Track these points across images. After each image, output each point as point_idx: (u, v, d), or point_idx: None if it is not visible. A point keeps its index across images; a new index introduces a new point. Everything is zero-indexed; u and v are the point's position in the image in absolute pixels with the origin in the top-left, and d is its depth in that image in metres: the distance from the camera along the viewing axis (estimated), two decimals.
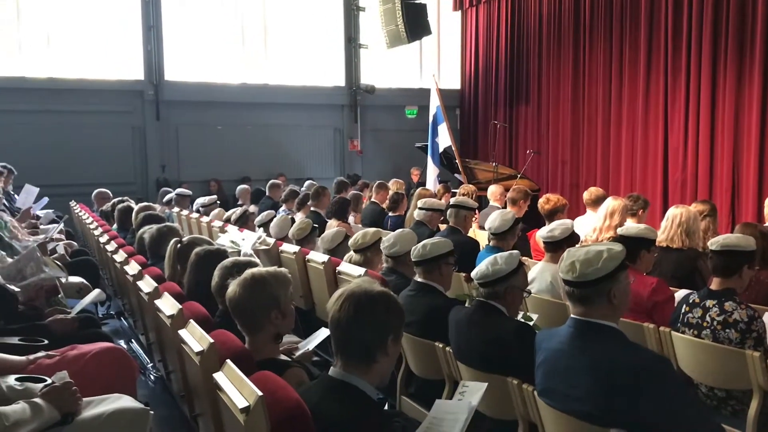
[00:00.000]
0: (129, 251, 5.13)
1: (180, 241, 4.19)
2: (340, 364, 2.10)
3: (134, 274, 4.12)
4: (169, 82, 13.70)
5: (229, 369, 2.18)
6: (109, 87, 13.29)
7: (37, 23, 12.90)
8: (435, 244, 3.78)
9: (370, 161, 15.55)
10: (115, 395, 2.36)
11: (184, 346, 2.72)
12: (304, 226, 5.88)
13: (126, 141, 13.56)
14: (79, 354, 2.74)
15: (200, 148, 13.95)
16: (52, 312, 3.47)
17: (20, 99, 12.46)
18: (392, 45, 13.45)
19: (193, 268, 3.62)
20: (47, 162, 12.10)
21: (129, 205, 7.23)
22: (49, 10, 12.91)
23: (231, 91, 14.15)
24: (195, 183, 13.10)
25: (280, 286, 2.69)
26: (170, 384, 3.81)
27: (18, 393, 2.22)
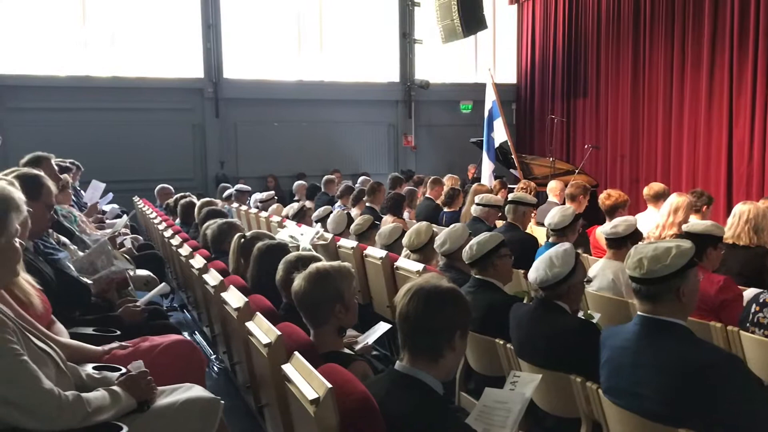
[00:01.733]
0: (193, 245, 5.26)
1: (243, 236, 4.28)
2: (407, 359, 2.12)
3: (200, 267, 4.23)
4: (228, 80, 13.97)
5: (298, 361, 2.22)
6: (170, 85, 13.63)
7: (102, 23, 13.32)
8: (481, 243, 3.77)
9: (424, 157, 15.54)
10: (187, 385, 2.44)
11: (251, 338, 2.78)
12: (363, 222, 5.93)
13: (186, 138, 13.89)
14: (151, 345, 2.83)
15: (257, 144, 14.19)
16: (123, 303, 3.59)
17: (86, 97, 12.89)
18: (447, 40, 13.39)
19: (256, 262, 3.69)
20: (111, 158, 12.48)
21: (191, 201, 7.41)
22: (113, 10, 13.30)
23: (287, 88, 14.34)
24: (252, 179, 13.34)
25: (344, 280, 2.73)
26: (234, 375, 3.90)
27: (97, 381, 2.31)
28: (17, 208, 2.09)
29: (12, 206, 2.07)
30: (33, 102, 12.57)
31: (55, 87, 12.76)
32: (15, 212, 2.08)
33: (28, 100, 12.55)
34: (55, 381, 2.06)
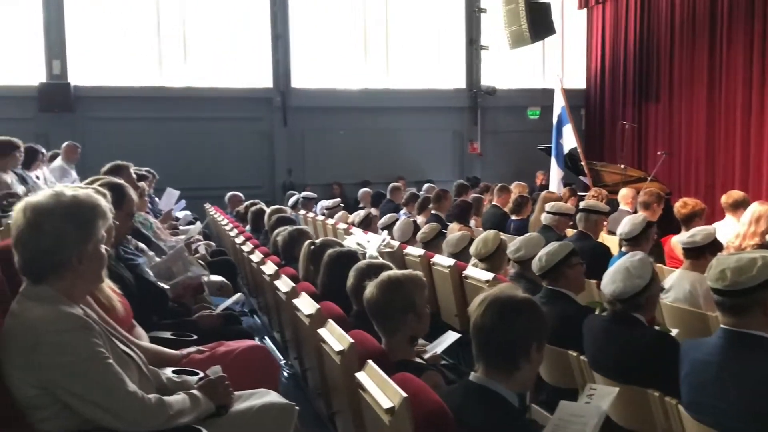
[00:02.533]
0: (264, 252, 5.36)
1: (313, 243, 4.34)
2: (482, 370, 2.10)
3: (271, 273, 4.30)
4: (296, 89, 14.22)
5: (371, 369, 2.23)
6: (240, 95, 13.97)
7: (176, 36, 13.76)
8: (550, 254, 3.70)
9: (490, 164, 15.41)
10: (263, 390, 2.48)
11: (324, 344, 2.81)
12: (430, 230, 5.92)
13: (255, 146, 14.21)
14: (227, 351, 2.89)
15: (323, 152, 14.38)
16: (199, 309, 3.68)
17: (160, 107, 13.34)
18: (515, 46, 13.27)
19: (327, 269, 3.73)
20: (183, 166, 12.85)
21: (261, 208, 7.55)
22: (187, 23, 13.73)
23: (353, 97, 14.49)
24: (318, 186, 13.49)
25: (416, 289, 2.73)
26: (304, 381, 3.94)
27: (177, 385, 2.37)
28: (104, 216, 2.17)
29: (99, 214, 2.15)
30: (110, 112, 13.09)
31: (132, 98, 13.26)
32: (102, 220, 2.16)
33: (106, 110, 13.07)
34: (138, 384, 2.13)
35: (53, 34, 12.90)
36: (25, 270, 2.12)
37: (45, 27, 12.90)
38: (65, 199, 2.11)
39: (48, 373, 2.00)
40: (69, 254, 2.09)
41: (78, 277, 2.14)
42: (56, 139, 10.81)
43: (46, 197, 2.10)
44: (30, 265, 2.11)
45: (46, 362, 1.99)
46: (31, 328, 2.02)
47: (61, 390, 2.01)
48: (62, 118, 12.66)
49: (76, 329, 2.03)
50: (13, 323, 2.08)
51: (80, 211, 2.11)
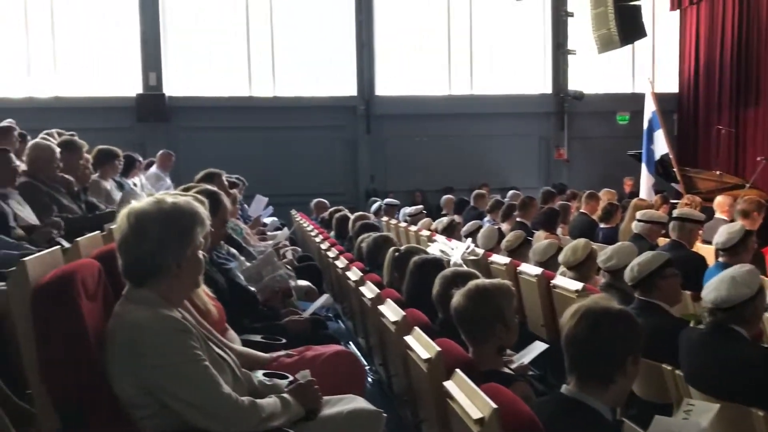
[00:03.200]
0: (348, 258, 5.42)
1: (398, 250, 4.35)
2: (575, 383, 2.05)
3: (356, 279, 4.34)
4: (380, 97, 14.35)
5: (460, 378, 2.21)
6: (324, 103, 14.23)
7: (264, 48, 14.16)
8: (644, 263, 3.58)
9: (577, 170, 15.07)
10: (350, 396, 2.50)
11: (410, 352, 2.80)
12: (515, 238, 5.83)
13: (339, 154, 14.43)
14: (315, 355, 2.93)
15: (406, 159, 14.44)
16: (287, 313, 3.76)
17: (249, 117, 13.76)
18: (603, 49, 12.94)
19: (412, 276, 3.73)
20: (270, 174, 13.15)
21: (345, 215, 7.65)
22: (275, 35, 14.11)
23: (436, 103, 14.49)
24: (401, 193, 13.55)
25: (505, 298, 2.70)
26: (389, 388, 3.95)
27: (268, 388, 2.42)
28: (202, 223, 2.25)
29: (198, 221, 2.23)
30: (202, 121, 13.59)
31: (222, 107, 13.74)
32: (200, 226, 2.24)
33: (198, 120, 13.58)
34: (232, 386, 2.18)
35: (150, 48, 13.52)
36: (128, 273, 2.22)
37: (142, 41, 13.54)
38: (166, 206, 2.20)
39: (147, 373, 2.09)
40: (169, 259, 2.18)
41: (177, 282, 2.22)
42: (152, 148, 11.31)
43: (149, 204, 2.20)
44: (132, 269, 2.21)
45: (146, 363, 2.08)
46: (132, 330, 2.11)
47: (160, 390, 2.09)
48: (157, 128, 13.23)
49: (175, 332, 2.11)
50: (115, 324, 2.18)
51: (180, 217, 2.20)
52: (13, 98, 12.83)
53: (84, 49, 13.65)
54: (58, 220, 4.17)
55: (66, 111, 12.41)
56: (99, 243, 3.06)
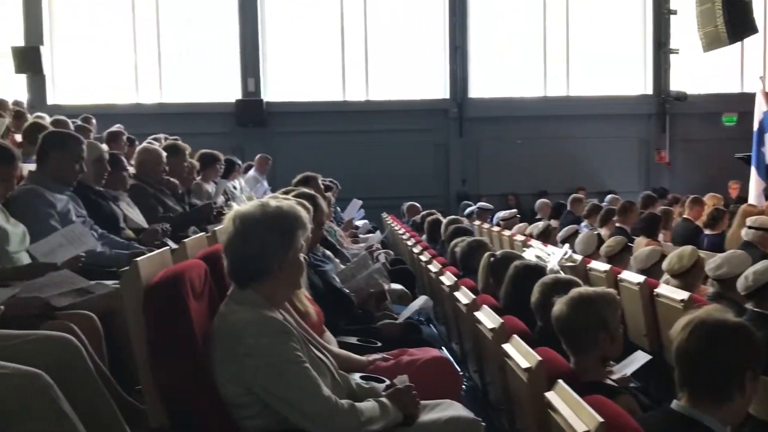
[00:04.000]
0: (441, 262, 5.38)
1: (493, 255, 4.28)
2: (687, 398, 1.94)
3: (450, 284, 4.30)
4: (472, 99, 14.25)
5: (562, 389, 2.14)
6: (416, 107, 14.27)
7: (357, 54, 14.32)
8: (759, 272, 3.39)
9: (679, 174, 14.46)
10: (448, 401, 2.47)
11: (508, 360, 2.74)
12: (615, 244, 5.64)
13: (430, 157, 14.41)
14: (412, 360, 2.92)
15: (499, 162, 14.26)
16: (382, 316, 3.77)
17: (342, 121, 13.97)
18: (709, 48, 12.34)
19: (511, 282, 3.66)
20: (361, 177, 13.28)
21: (438, 218, 7.61)
22: (369, 40, 14.25)
23: (531, 105, 14.26)
24: (493, 197, 13.40)
25: (609, 307, 2.60)
26: (483, 395, 3.89)
27: (366, 391, 2.42)
28: (304, 227, 2.28)
29: (300, 224, 2.27)
30: (297, 126, 13.90)
31: (317, 112, 14.02)
32: (302, 230, 2.27)
33: (294, 125, 13.90)
34: (331, 389, 2.20)
35: (248, 55, 13.95)
36: (232, 274, 2.28)
37: (241, 49, 13.99)
38: (270, 210, 2.24)
39: (250, 373, 2.13)
40: (272, 261, 2.22)
41: (279, 284, 2.26)
42: (250, 152, 11.66)
43: (254, 207, 2.25)
44: (236, 270, 2.26)
45: (249, 363, 2.12)
46: (236, 330, 2.16)
47: (262, 390, 2.13)
48: (255, 132, 13.62)
49: (277, 333, 2.15)
50: (220, 324, 2.24)
51: (283, 221, 2.24)
52: (121, 104, 13.53)
53: (187, 57, 14.25)
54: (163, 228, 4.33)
55: (170, 117, 12.98)
56: (204, 244, 3.16)
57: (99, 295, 2.94)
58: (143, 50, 14.10)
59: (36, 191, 3.57)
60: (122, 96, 13.96)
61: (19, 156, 3.62)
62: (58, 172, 3.70)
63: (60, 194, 3.68)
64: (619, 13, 14.49)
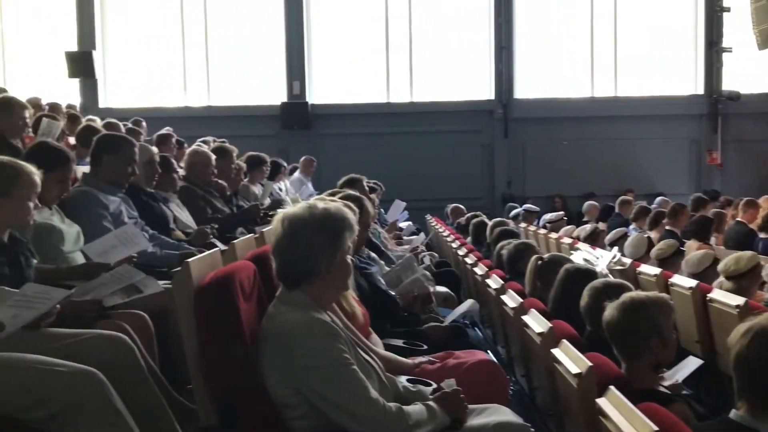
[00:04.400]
0: (487, 264, 5.34)
1: (541, 258, 4.23)
2: (746, 408, 1.88)
3: (497, 288, 4.26)
4: (518, 100, 14.12)
5: (614, 396, 2.10)
6: (460, 108, 14.20)
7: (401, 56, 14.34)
8: None
9: (732, 175, 14.07)
10: (495, 406, 2.44)
11: (557, 365, 2.70)
12: (666, 247, 5.52)
13: (475, 158, 14.31)
14: (458, 363, 2.89)
15: (545, 164, 14.09)
16: (428, 319, 3.76)
17: (386, 123, 13.98)
18: (764, 46, 12.00)
19: (560, 285, 3.61)
20: (405, 178, 13.24)
21: (483, 220, 7.56)
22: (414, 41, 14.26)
23: (578, 106, 14.06)
24: (539, 199, 13.24)
25: (662, 312, 2.54)
26: (530, 400, 3.84)
27: (413, 394, 2.41)
28: (351, 228, 2.29)
29: (347, 226, 2.27)
30: (342, 128, 13.95)
31: (361, 114, 14.05)
32: (349, 232, 2.28)
33: (338, 127, 13.96)
34: (378, 391, 2.19)
35: (294, 59, 14.07)
36: (281, 276, 2.30)
37: (287, 52, 14.12)
38: (318, 212, 2.25)
39: (298, 375, 2.14)
40: (319, 263, 2.23)
41: (327, 285, 2.27)
42: (295, 154, 11.76)
43: (302, 209, 2.27)
44: (285, 272, 2.28)
45: (297, 364, 2.13)
46: (285, 331, 2.18)
47: (309, 392, 2.14)
48: (300, 135, 13.73)
49: (325, 335, 2.16)
50: (269, 325, 2.25)
51: (331, 223, 2.25)
52: (170, 107, 13.80)
53: (234, 61, 14.45)
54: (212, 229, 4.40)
55: (217, 119, 13.18)
56: (252, 245, 3.19)
57: (149, 294, 3.00)
58: (192, 54, 14.35)
59: (90, 193, 3.66)
60: (171, 99, 14.24)
61: (74, 158, 3.71)
62: (111, 175, 3.78)
63: (113, 196, 3.76)
64: (669, 10, 14.17)
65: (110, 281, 2.72)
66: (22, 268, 2.68)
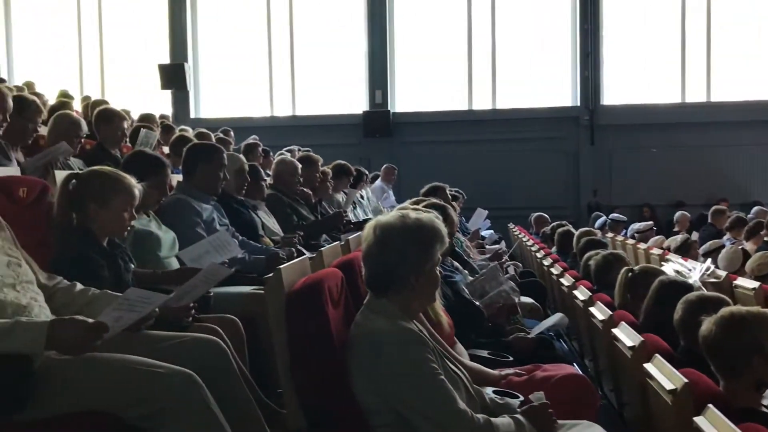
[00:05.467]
0: (573, 275, 5.22)
1: (631, 270, 4.10)
2: None
3: (584, 299, 4.16)
4: (605, 107, 13.78)
5: (713, 415, 2.01)
6: (544, 115, 13.96)
7: (484, 63, 14.25)
8: None
9: None
10: (586, 422, 2.38)
11: (650, 380, 2.61)
12: (766, 260, 5.25)
13: (559, 166, 14.03)
14: (546, 376, 2.83)
15: (633, 172, 13.67)
16: (513, 330, 3.70)
17: (468, 130, 13.91)
18: None
19: (654, 298, 3.49)
20: (487, 186, 13.13)
21: (569, 230, 7.40)
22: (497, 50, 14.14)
23: (668, 112, 13.57)
24: (626, 208, 12.87)
25: (765, 329, 2.41)
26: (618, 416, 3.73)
27: (500, 406, 2.38)
28: (442, 239, 2.29)
29: (438, 237, 2.27)
30: (423, 136, 13.98)
31: (442, 122, 14.05)
32: (440, 243, 2.28)
33: (419, 135, 13.99)
34: (465, 402, 2.18)
35: (376, 68, 14.20)
36: (370, 283, 2.31)
37: (369, 62, 14.26)
38: (410, 221, 2.26)
39: (386, 383, 2.15)
40: (409, 272, 2.24)
41: (414, 295, 2.28)
42: (376, 162, 11.87)
43: (394, 218, 2.28)
44: (374, 279, 2.30)
45: (385, 373, 2.14)
46: (373, 339, 2.19)
47: (397, 401, 2.15)
48: (381, 143, 13.84)
49: (413, 344, 2.16)
50: (357, 332, 2.28)
51: (422, 233, 2.25)
52: (256, 117, 14.20)
53: (318, 72, 14.74)
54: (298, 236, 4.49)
55: (301, 129, 13.46)
56: (338, 253, 3.24)
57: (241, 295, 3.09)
58: (277, 66, 14.73)
59: (184, 201, 3.80)
60: (257, 109, 14.64)
61: (170, 165, 3.86)
62: (205, 182, 3.92)
63: (206, 204, 3.90)
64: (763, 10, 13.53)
65: (202, 283, 2.81)
66: (120, 272, 2.81)
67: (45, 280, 2.38)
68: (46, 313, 2.20)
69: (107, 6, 15.04)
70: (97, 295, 2.40)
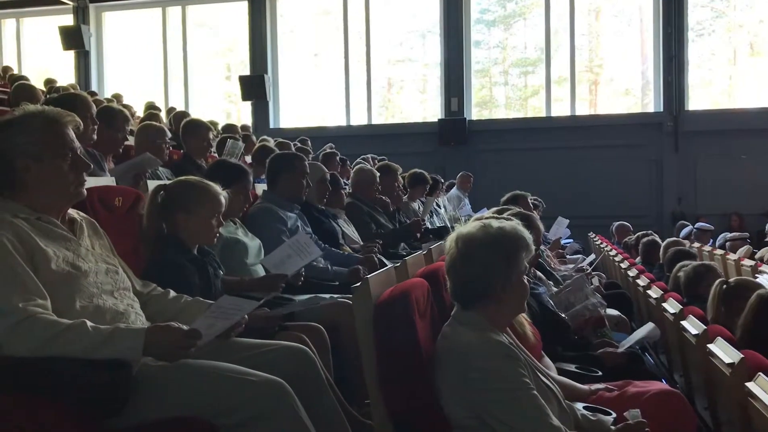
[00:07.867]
0: (661, 287, 5.03)
1: (726, 282, 3.92)
2: None
3: (675, 312, 4.00)
4: (690, 113, 13.27)
5: None
6: (625, 121, 13.58)
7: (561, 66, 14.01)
8: None
9: None
10: None
11: (753, 400, 2.48)
12: None
13: (641, 174, 13.58)
14: (638, 392, 2.72)
15: (720, 179, 13.07)
16: (600, 344, 3.58)
17: (545, 138, 13.64)
18: None
19: (752, 312, 3.32)
20: (567, 194, 12.83)
21: (654, 240, 7.17)
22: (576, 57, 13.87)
23: (757, 117, 12.95)
24: (712, 216, 12.34)
25: None
26: None
27: (592, 423, 2.30)
28: (527, 248, 2.23)
29: (523, 245, 2.22)
30: (499, 144, 13.79)
31: (519, 129, 13.85)
32: (526, 252, 2.23)
33: (495, 143, 13.82)
34: (557, 417, 2.11)
35: (452, 76, 14.14)
36: (456, 295, 2.28)
37: (445, 70, 14.21)
38: (492, 231, 2.22)
39: (476, 396, 2.10)
40: (494, 283, 2.19)
41: (502, 306, 2.23)
42: (451, 170, 11.80)
43: (476, 229, 2.24)
44: (460, 292, 2.26)
45: (475, 387, 2.10)
46: (461, 352, 2.15)
47: (488, 415, 2.10)
48: (457, 151, 13.75)
49: (504, 357, 2.11)
50: (445, 345, 2.24)
51: (506, 242, 2.20)
52: (332, 126, 14.39)
53: (393, 81, 14.82)
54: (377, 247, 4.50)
55: (376, 137, 13.54)
56: (422, 262, 3.21)
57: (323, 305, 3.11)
58: (354, 76, 14.88)
59: (270, 209, 3.87)
60: (332, 118, 14.83)
61: (250, 172, 3.94)
62: (288, 191, 3.99)
63: (290, 212, 3.96)
64: None
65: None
66: (210, 279, 2.87)
67: (140, 287, 2.45)
68: (142, 319, 2.26)
69: (191, 22, 15.60)
70: (190, 303, 2.45)
